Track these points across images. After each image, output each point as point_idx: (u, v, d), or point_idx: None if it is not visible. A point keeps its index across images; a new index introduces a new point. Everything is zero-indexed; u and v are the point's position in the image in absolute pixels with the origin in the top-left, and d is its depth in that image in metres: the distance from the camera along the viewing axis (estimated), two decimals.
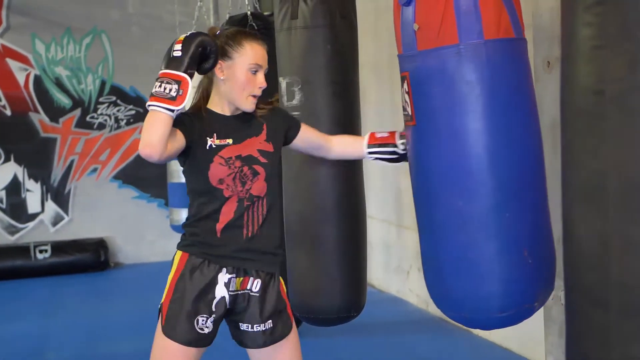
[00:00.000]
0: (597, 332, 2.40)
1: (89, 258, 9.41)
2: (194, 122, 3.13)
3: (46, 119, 9.72)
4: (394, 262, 7.37)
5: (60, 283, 9.01)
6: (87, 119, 9.84)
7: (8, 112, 9.60)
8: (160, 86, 2.94)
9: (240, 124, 3.23)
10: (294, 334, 3.30)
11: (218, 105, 3.23)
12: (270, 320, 3.21)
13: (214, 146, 3.13)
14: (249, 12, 5.73)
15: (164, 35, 9.40)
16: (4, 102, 9.59)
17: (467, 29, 3.04)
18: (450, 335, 5.98)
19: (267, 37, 5.59)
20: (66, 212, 9.82)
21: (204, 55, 3.05)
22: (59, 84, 9.75)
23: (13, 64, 9.62)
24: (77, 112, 9.81)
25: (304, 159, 4.44)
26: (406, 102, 3.29)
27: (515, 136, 3.13)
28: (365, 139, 3.62)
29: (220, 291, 3.14)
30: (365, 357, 5.61)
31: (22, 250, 9.36)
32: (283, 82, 4.51)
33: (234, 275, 3.16)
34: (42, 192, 9.75)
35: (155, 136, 2.92)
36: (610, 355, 2.35)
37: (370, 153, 3.59)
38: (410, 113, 3.28)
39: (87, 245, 9.50)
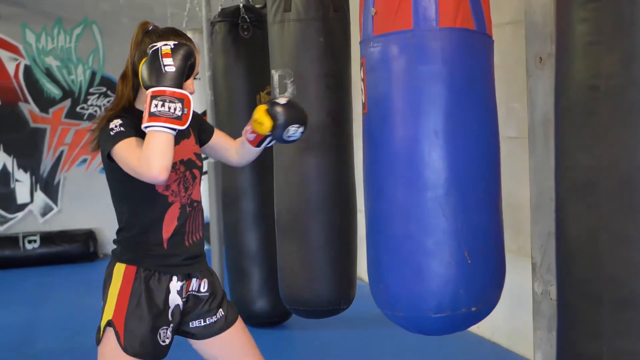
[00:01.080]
0: (588, 325, 2.41)
1: (78, 249, 9.41)
2: (138, 126, 2.87)
3: (36, 109, 9.70)
4: None
5: (49, 273, 8.99)
6: (77, 109, 9.82)
7: None
8: (163, 105, 2.69)
9: None
10: (239, 317, 3.25)
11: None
12: (221, 309, 3.17)
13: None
14: (241, 5, 5.72)
15: None
16: None
17: (422, 15, 3.00)
18: None
19: (260, 30, 5.63)
20: (55, 202, 9.81)
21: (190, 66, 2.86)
22: (49, 74, 9.73)
23: (3, 54, 9.59)
24: (67, 103, 9.79)
25: (295, 150, 4.46)
26: (361, 90, 3.25)
27: (464, 131, 3.07)
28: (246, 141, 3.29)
29: (174, 299, 3.05)
30: (354, 350, 5.62)
31: (11, 241, 9.34)
32: (275, 75, 4.52)
33: (183, 281, 3.09)
34: (31, 182, 9.73)
35: (169, 160, 2.73)
36: (601, 349, 2.36)
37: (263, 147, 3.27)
38: (363, 101, 3.24)
39: (76, 236, 9.49)
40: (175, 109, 2.69)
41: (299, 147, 4.45)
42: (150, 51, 2.82)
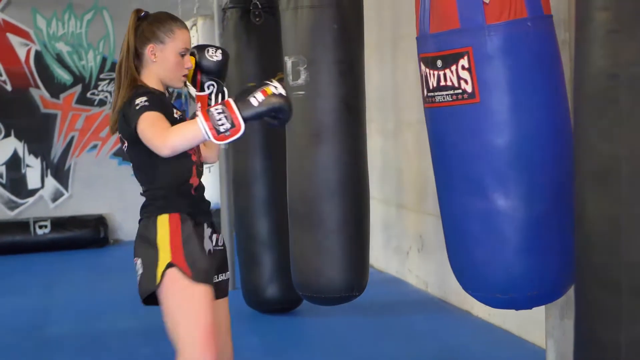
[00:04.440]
0: (606, 313, 2.41)
1: (89, 234, 9.44)
2: (159, 97, 3.22)
3: (47, 95, 9.71)
4: (393, 243, 7.39)
5: (59, 259, 9.03)
6: (88, 95, 9.84)
7: (9, 87, 9.59)
8: (220, 113, 2.96)
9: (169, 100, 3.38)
10: None
11: (151, 81, 3.29)
12: (228, 271, 3.41)
13: (178, 118, 3.24)
14: None
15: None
16: (4, 77, 9.58)
17: (533, 2, 3.18)
18: (449, 316, 6.01)
19: (271, 16, 5.63)
20: (66, 188, 9.83)
21: (273, 117, 3.05)
22: (60, 59, 9.74)
23: (14, 39, 9.60)
24: (78, 89, 9.80)
25: (309, 137, 4.46)
26: (463, 79, 3.27)
27: (565, 106, 3.32)
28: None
29: (207, 244, 3.27)
30: (364, 337, 5.63)
31: (22, 226, 9.38)
32: (288, 61, 4.52)
33: (210, 229, 3.31)
34: (42, 167, 9.75)
35: (182, 147, 3.04)
36: (619, 336, 2.36)
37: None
38: (471, 90, 3.27)
39: (86, 222, 9.52)
40: (223, 125, 2.95)
41: (313, 133, 4.45)
42: (263, 82, 3.06)
